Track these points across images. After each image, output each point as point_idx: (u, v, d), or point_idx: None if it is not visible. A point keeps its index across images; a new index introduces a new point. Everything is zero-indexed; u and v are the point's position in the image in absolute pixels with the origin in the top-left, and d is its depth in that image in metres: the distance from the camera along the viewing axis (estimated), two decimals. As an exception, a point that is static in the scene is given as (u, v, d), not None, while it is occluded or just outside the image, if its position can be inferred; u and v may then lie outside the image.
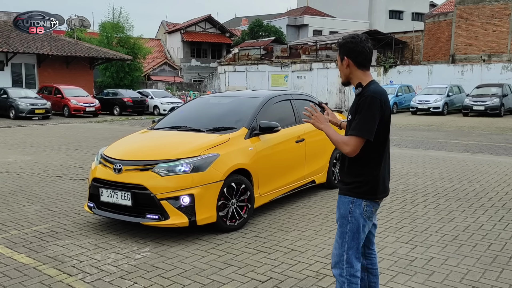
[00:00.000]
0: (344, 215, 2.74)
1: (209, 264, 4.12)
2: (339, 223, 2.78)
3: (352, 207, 2.72)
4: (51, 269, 3.99)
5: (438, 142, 13.29)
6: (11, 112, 21.22)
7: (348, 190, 2.75)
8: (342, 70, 2.81)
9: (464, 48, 30.60)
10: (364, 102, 2.62)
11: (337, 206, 2.83)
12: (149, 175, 4.65)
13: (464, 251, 4.41)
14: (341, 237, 2.76)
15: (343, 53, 2.76)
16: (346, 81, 2.85)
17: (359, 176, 2.73)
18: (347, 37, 2.78)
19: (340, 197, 2.80)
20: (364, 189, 2.72)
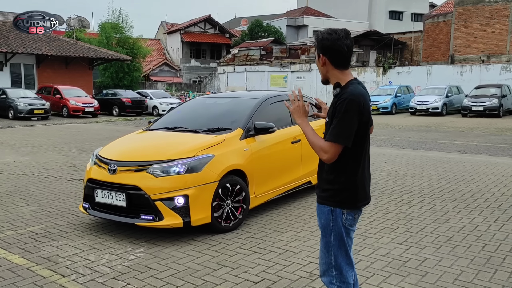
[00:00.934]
0: (326, 225, 2.61)
1: (203, 264, 4.12)
2: (322, 232, 2.65)
3: (333, 216, 2.58)
4: (45, 270, 3.99)
5: (436, 143, 13.29)
6: (10, 113, 21.22)
7: (325, 199, 2.60)
8: (319, 68, 2.65)
9: (463, 49, 30.62)
10: (342, 105, 2.45)
11: (317, 215, 2.69)
12: (143, 175, 4.65)
13: (458, 252, 4.41)
14: (326, 247, 2.63)
15: (319, 50, 2.59)
16: (325, 79, 2.67)
17: (337, 183, 2.57)
18: (325, 32, 2.59)
19: (319, 206, 2.65)
20: (342, 197, 2.57)
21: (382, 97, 26.01)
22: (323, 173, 2.65)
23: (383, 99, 25.80)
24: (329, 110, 2.61)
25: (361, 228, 5.15)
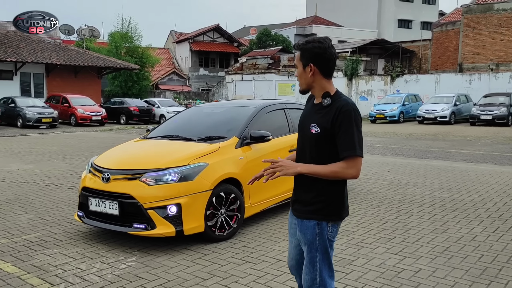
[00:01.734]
0: (312, 240, 2.51)
1: (193, 274, 4.09)
2: (307, 249, 2.54)
3: (319, 230, 2.50)
4: (35, 279, 3.98)
5: (442, 152, 13.16)
6: (18, 121, 21.46)
7: (311, 213, 2.50)
8: (305, 77, 2.52)
9: (472, 57, 30.41)
10: (348, 116, 2.38)
11: (301, 231, 2.55)
12: (136, 184, 4.65)
13: (454, 263, 4.33)
14: (311, 262, 2.54)
15: (309, 59, 2.47)
16: (307, 89, 2.58)
17: (323, 195, 2.48)
18: (313, 40, 2.49)
19: (303, 222, 2.53)
20: (329, 209, 2.49)
21: (389, 106, 25.88)
22: (305, 187, 2.54)
23: (391, 107, 25.67)
24: (320, 119, 2.47)
25: (356, 238, 5.09)
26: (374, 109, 26.34)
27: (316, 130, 2.47)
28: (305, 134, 2.57)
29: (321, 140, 2.47)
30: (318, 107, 2.54)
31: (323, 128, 2.45)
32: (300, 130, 2.66)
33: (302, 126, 2.63)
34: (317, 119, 2.49)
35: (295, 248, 2.73)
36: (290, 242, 2.78)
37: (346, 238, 5.08)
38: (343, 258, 4.47)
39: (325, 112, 2.46)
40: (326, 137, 2.46)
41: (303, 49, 2.50)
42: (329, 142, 2.46)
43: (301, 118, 2.67)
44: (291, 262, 2.80)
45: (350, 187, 7.91)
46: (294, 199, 2.65)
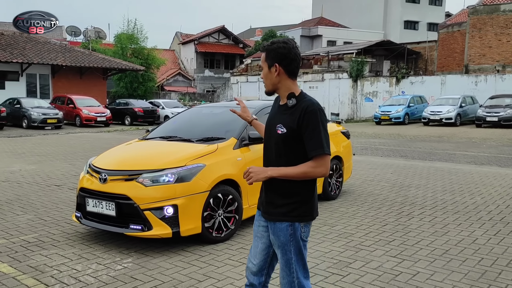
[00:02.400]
0: (285, 242, 2.51)
1: (189, 276, 4.07)
2: (281, 251, 2.53)
3: (291, 231, 2.50)
4: (30, 279, 3.98)
5: (446, 154, 13.07)
6: (24, 122, 21.59)
7: (283, 215, 2.50)
8: (270, 78, 2.53)
9: (478, 59, 30.20)
10: (314, 116, 2.42)
11: (274, 234, 2.54)
12: (133, 185, 4.64)
13: (453, 266, 4.27)
14: (287, 265, 2.53)
15: (274, 59, 2.49)
16: (272, 90, 2.58)
17: (295, 195, 2.50)
18: (278, 41, 2.51)
19: (276, 224, 2.52)
20: (301, 210, 2.50)
21: (394, 107, 25.76)
22: (276, 190, 2.53)
23: (396, 109, 25.55)
24: (285, 119, 2.49)
25: (355, 240, 5.04)
26: (379, 111, 26.23)
27: (283, 130, 2.48)
28: (271, 135, 2.57)
29: (287, 140, 2.48)
30: (283, 108, 2.55)
31: (289, 128, 2.46)
32: (266, 131, 2.65)
33: (268, 127, 2.63)
34: (283, 119, 2.50)
35: (260, 253, 2.68)
36: (255, 246, 2.72)
37: (345, 241, 5.04)
38: (341, 260, 4.43)
39: (291, 113, 2.48)
40: (292, 138, 2.46)
41: (268, 50, 2.52)
42: (295, 142, 2.46)
43: (267, 120, 2.67)
44: (252, 268, 2.71)
45: (352, 189, 7.87)
46: (265, 202, 2.61)
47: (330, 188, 6.96)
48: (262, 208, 2.64)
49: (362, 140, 17.44)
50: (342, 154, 7.27)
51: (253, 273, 2.71)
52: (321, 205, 6.66)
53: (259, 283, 2.71)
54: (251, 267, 2.72)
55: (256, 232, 2.70)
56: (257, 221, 2.71)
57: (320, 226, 5.60)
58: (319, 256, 4.55)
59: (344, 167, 7.34)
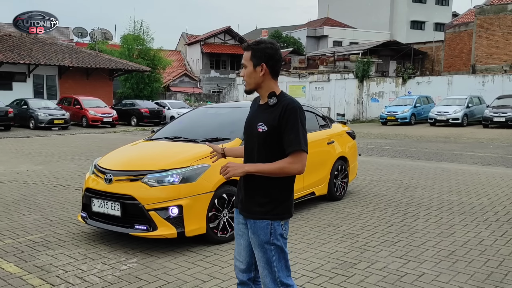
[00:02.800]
0: (266, 240, 2.52)
1: (194, 276, 4.07)
2: (261, 250, 2.54)
3: (272, 229, 2.51)
4: (36, 279, 4.00)
5: (453, 154, 13.00)
6: (31, 123, 21.72)
7: (264, 213, 2.52)
8: (254, 77, 2.54)
9: (485, 59, 30.02)
10: (294, 113, 2.46)
11: (254, 232, 2.55)
12: (138, 185, 4.65)
13: (459, 267, 4.25)
14: (268, 263, 2.54)
15: (261, 58, 2.51)
16: (254, 89, 2.60)
17: (276, 194, 2.53)
18: (265, 41, 2.55)
19: (256, 223, 2.54)
20: (281, 208, 2.53)
21: (400, 108, 25.67)
22: (255, 188, 2.55)
23: (402, 109, 25.46)
24: (267, 118, 2.52)
25: (360, 241, 5.02)
26: (385, 111, 26.15)
27: (264, 128, 2.51)
28: (252, 134, 2.60)
29: (268, 138, 2.51)
30: (264, 107, 2.59)
31: (270, 125, 2.50)
32: (246, 131, 2.68)
33: (249, 127, 2.65)
34: (264, 118, 2.54)
35: (245, 249, 2.69)
36: (238, 244, 2.73)
37: (350, 241, 5.02)
38: (345, 261, 4.42)
39: (272, 111, 2.52)
40: (273, 135, 2.50)
41: (255, 49, 2.54)
42: (276, 139, 2.50)
43: (247, 121, 2.70)
44: (240, 266, 2.72)
45: (357, 189, 7.85)
46: (244, 200, 2.62)
47: (336, 188, 6.94)
48: (241, 206, 2.65)
49: (368, 140, 17.38)
50: (347, 154, 7.26)
51: (242, 271, 2.72)
52: (326, 206, 6.65)
53: (248, 278, 2.72)
54: (239, 265, 2.73)
55: (237, 230, 2.72)
56: (236, 219, 2.73)
57: (325, 227, 5.58)
58: (324, 256, 4.54)
59: (349, 167, 7.32)
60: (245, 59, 2.56)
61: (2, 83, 26.27)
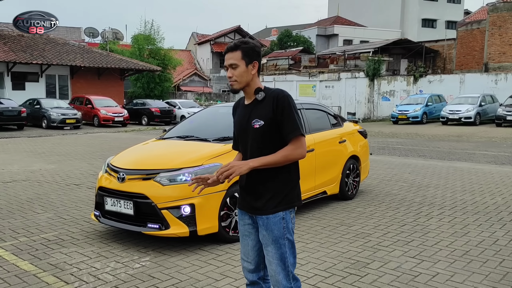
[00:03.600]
0: (279, 235, 2.52)
1: (206, 275, 4.08)
2: (275, 245, 2.52)
3: (284, 223, 2.53)
4: (50, 277, 4.03)
5: (466, 153, 12.87)
6: (43, 122, 21.94)
7: (277, 206, 2.52)
8: (246, 75, 2.57)
9: (498, 57, 29.66)
10: (287, 101, 2.51)
11: (267, 229, 2.53)
12: (151, 184, 4.67)
13: (473, 267, 4.20)
14: (282, 259, 2.52)
15: (252, 56, 2.56)
16: (243, 88, 2.62)
17: (287, 181, 2.56)
18: (249, 41, 2.62)
19: (269, 218, 2.52)
20: (292, 196, 2.57)
21: (412, 106, 25.48)
22: (262, 182, 2.54)
23: (413, 108, 25.27)
24: (260, 111, 2.54)
25: (373, 241, 4.99)
26: (397, 110, 25.97)
27: (260, 123, 2.53)
28: (246, 134, 2.59)
29: (266, 131, 2.53)
30: (252, 104, 2.61)
31: (266, 118, 2.52)
32: (240, 133, 2.67)
33: (241, 129, 2.64)
34: (257, 113, 2.56)
35: (252, 249, 2.67)
36: (245, 245, 2.70)
37: (362, 241, 4.99)
38: (358, 260, 4.39)
39: (263, 105, 2.56)
40: (270, 127, 2.53)
41: (245, 48, 2.56)
42: (272, 131, 2.53)
43: (237, 124, 2.71)
44: (249, 266, 2.70)
45: (369, 188, 7.80)
46: (252, 198, 2.59)
47: (347, 188, 6.91)
48: (248, 205, 2.63)
49: (379, 139, 17.28)
50: (359, 153, 7.22)
51: (252, 271, 2.70)
52: (338, 205, 6.62)
53: (259, 278, 2.71)
54: (247, 266, 2.71)
55: (243, 231, 2.70)
56: (241, 220, 2.71)
57: (337, 226, 5.56)
58: (337, 256, 4.52)
59: (361, 166, 7.28)
60: (235, 59, 2.56)
61: (15, 83, 26.59)
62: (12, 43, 27.12)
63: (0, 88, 26.17)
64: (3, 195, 7.24)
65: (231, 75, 2.58)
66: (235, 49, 2.57)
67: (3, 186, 7.95)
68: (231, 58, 2.57)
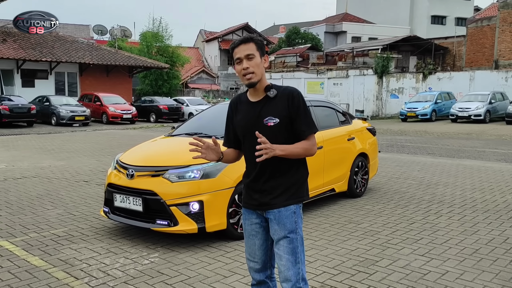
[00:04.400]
0: (292, 229, 2.50)
1: (214, 271, 4.09)
2: (288, 240, 2.49)
3: (296, 216, 2.54)
4: (60, 272, 4.07)
5: (475, 151, 12.77)
6: (52, 119, 22.10)
7: (288, 199, 2.52)
8: (262, 67, 2.53)
9: (508, 54, 29.35)
10: (302, 99, 2.52)
11: (279, 223, 2.51)
12: (159, 181, 4.69)
13: (483, 266, 4.17)
14: (293, 254, 2.49)
15: (264, 51, 2.56)
16: (259, 81, 2.52)
17: (298, 174, 2.57)
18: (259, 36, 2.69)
19: (280, 211, 2.51)
20: (303, 188, 2.60)
21: (421, 104, 25.31)
22: (273, 177, 2.53)
23: (422, 105, 25.11)
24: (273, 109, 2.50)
25: (382, 238, 4.98)
26: (405, 107, 25.81)
27: (275, 121, 2.49)
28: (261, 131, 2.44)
29: (280, 128, 2.50)
30: (263, 101, 2.55)
31: (281, 116, 2.49)
32: (245, 132, 2.57)
33: (249, 126, 2.53)
34: (271, 111, 2.51)
35: (259, 248, 2.63)
36: (251, 244, 2.65)
37: (371, 238, 4.98)
38: (367, 258, 4.38)
39: (276, 102, 2.52)
40: (284, 125, 2.51)
41: (258, 41, 2.54)
42: (286, 129, 2.52)
43: (241, 123, 2.60)
44: (255, 266, 2.66)
45: (377, 186, 7.77)
46: (263, 194, 2.55)
47: (356, 185, 6.89)
48: (256, 202, 2.58)
49: (388, 137, 17.20)
50: (368, 151, 7.19)
51: (258, 270, 2.66)
52: (347, 203, 6.60)
53: (266, 277, 2.69)
54: (254, 266, 2.67)
55: (250, 230, 2.65)
56: (247, 220, 2.65)
57: (345, 224, 5.55)
58: (345, 253, 4.51)
59: (369, 164, 7.25)
60: (252, 50, 2.48)
61: (25, 80, 26.79)
62: (22, 41, 27.31)
63: (10, 86, 26.39)
64: (14, 191, 7.30)
65: (247, 66, 2.47)
66: (249, 41, 2.51)
67: (13, 183, 8.02)
68: (247, 49, 2.48)
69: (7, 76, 26.39)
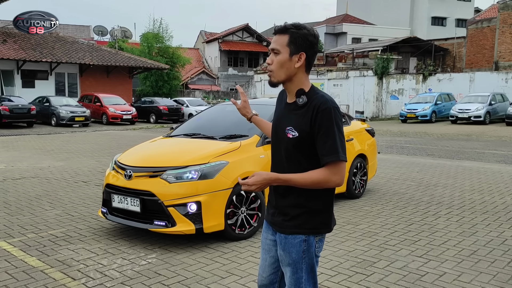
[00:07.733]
0: (297, 259, 2.19)
1: (212, 272, 4.08)
2: (291, 269, 2.21)
3: (305, 246, 2.18)
4: (57, 273, 4.06)
5: (475, 152, 12.77)
6: (52, 120, 22.11)
7: (297, 227, 2.17)
8: (288, 67, 2.14)
9: (508, 55, 29.37)
10: (328, 115, 2.07)
11: (284, 249, 2.22)
12: (157, 181, 4.68)
13: (481, 267, 4.17)
14: (296, 284, 2.22)
15: (301, 47, 2.12)
16: (284, 81, 2.19)
17: (311, 205, 2.17)
18: (305, 27, 2.13)
19: (287, 238, 2.19)
20: (317, 221, 2.17)
21: (421, 105, 25.32)
22: (289, 197, 2.19)
23: (422, 107, 25.12)
24: (296, 121, 2.15)
25: (380, 240, 4.97)
26: (405, 109, 25.83)
27: (294, 134, 2.14)
28: (280, 139, 2.23)
29: (300, 145, 2.14)
30: (292, 106, 2.20)
31: (302, 130, 2.12)
32: (274, 134, 2.31)
33: (276, 130, 2.27)
34: (294, 120, 2.16)
35: (270, 266, 2.40)
36: (263, 259, 2.43)
37: (369, 240, 4.97)
38: (365, 259, 4.37)
39: (302, 113, 2.14)
40: (306, 141, 2.13)
41: (295, 34, 2.13)
42: (309, 146, 2.14)
43: (274, 121, 2.33)
44: (263, 281, 2.44)
45: (376, 187, 7.77)
46: (276, 212, 2.28)
47: (354, 186, 6.88)
48: (271, 218, 2.32)
49: (387, 138, 17.19)
50: (366, 152, 7.18)
51: (265, 286, 2.45)
52: (345, 204, 6.59)
53: None
54: (262, 280, 2.45)
55: (264, 244, 2.42)
56: (265, 232, 2.41)
57: (344, 225, 5.54)
58: (343, 255, 4.51)
59: (368, 165, 7.25)
60: (279, 44, 2.13)
61: (25, 81, 26.81)
62: (22, 42, 27.34)
63: (10, 86, 26.41)
64: (12, 192, 7.30)
65: (270, 62, 2.18)
66: (283, 31, 2.15)
67: (12, 183, 8.02)
68: (275, 42, 2.16)
69: (7, 77, 26.42)
